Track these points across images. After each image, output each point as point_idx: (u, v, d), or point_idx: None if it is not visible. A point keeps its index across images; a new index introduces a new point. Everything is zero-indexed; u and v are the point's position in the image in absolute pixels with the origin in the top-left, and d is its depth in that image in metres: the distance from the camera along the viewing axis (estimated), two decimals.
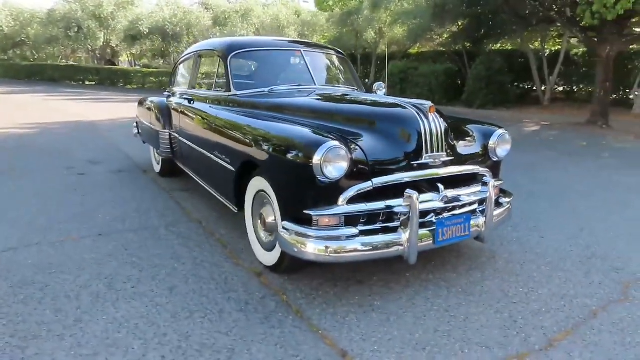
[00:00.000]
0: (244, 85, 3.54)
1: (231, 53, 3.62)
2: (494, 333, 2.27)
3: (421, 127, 2.59)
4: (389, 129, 2.59)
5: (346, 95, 3.30)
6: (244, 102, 3.39)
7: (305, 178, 2.36)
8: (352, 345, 2.15)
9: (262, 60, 3.82)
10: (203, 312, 2.41)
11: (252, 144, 2.80)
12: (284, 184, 2.54)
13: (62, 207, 4.10)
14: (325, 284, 2.74)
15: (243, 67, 3.63)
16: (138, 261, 3.01)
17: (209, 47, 4.10)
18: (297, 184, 2.44)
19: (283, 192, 2.56)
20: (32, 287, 2.63)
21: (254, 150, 2.78)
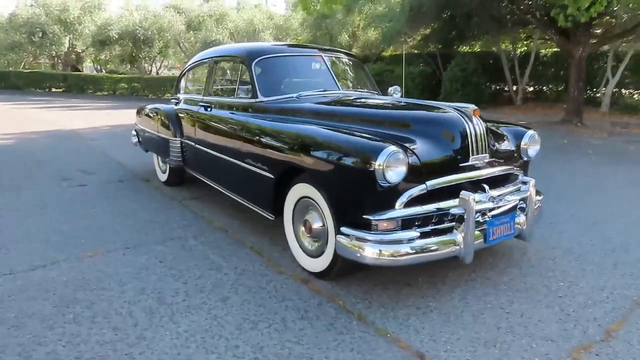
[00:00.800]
0: (269, 91, 3.52)
1: (255, 59, 3.60)
2: (552, 327, 2.35)
3: (467, 130, 2.66)
4: (437, 133, 2.64)
5: (383, 101, 3.34)
6: (275, 108, 3.37)
7: (365, 183, 2.38)
8: (424, 347, 2.18)
9: (285, 66, 3.80)
10: (266, 321, 2.38)
11: (298, 150, 2.79)
12: (340, 190, 2.55)
13: (75, 221, 3.95)
14: (375, 288, 2.76)
15: (267, 73, 3.59)
16: (178, 273, 2.94)
17: (228, 53, 4.05)
18: (355, 189, 2.46)
19: (338, 198, 2.57)
20: (78, 305, 2.53)
21: (300, 157, 2.77)
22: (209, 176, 4.13)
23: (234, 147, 3.49)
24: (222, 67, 4.14)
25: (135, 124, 5.80)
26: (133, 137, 5.79)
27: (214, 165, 3.92)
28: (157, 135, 4.87)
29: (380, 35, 19.83)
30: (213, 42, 17.39)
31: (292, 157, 2.85)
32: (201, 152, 4.10)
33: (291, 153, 2.85)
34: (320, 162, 2.62)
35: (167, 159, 4.71)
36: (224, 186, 3.84)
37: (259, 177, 3.19)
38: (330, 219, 2.64)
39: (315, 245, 2.87)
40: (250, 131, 3.29)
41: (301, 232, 2.99)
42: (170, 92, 21.03)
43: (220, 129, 3.76)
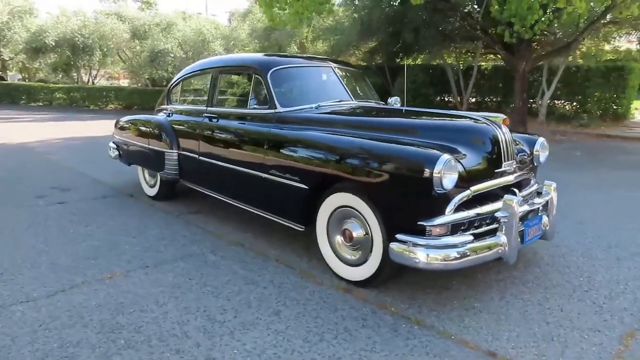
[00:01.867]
0: (288, 101, 3.51)
1: (270, 69, 3.57)
2: (593, 319, 2.54)
3: (499, 138, 2.82)
4: (476, 142, 2.77)
5: (412, 110, 3.43)
6: (299, 119, 3.36)
7: (421, 190, 2.46)
8: (491, 346, 2.27)
9: (300, 77, 3.81)
10: (330, 332, 2.37)
11: (342, 161, 2.81)
12: (393, 198, 2.59)
13: (73, 241, 3.67)
14: (415, 293, 2.83)
15: (283, 84, 3.57)
16: (215, 290, 2.84)
17: (236, 64, 3.98)
18: (410, 197, 2.52)
19: (390, 206, 2.61)
20: (124, 330, 2.37)
21: (344, 168, 2.79)
22: (217, 189, 4.01)
23: (255, 159, 3.43)
24: (229, 77, 4.07)
25: (114, 136, 5.49)
26: (112, 150, 5.47)
27: (225, 178, 3.82)
28: (148, 147, 4.65)
29: (329, 48, 20.25)
30: (161, 52, 16.85)
31: (333, 167, 2.86)
32: (207, 164, 3.98)
33: (333, 164, 2.86)
34: (369, 171, 2.66)
35: (162, 172, 4.51)
36: (239, 199, 3.75)
37: (288, 188, 3.16)
38: (378, 227, 2.68)
39: (358, 254, 2.89)
40: (277, 142, 3.26)
41: (338, 242, 3.00)
42: (114, 103, 20.05)
43: (235, 140, 3.69)
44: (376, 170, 2.62)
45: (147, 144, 4.69)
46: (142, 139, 4.80)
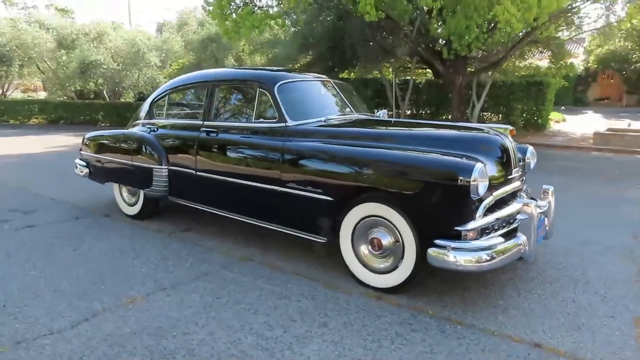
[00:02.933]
0: (297, 115, 3.54)
1: (276, 83, 3.59)
2: (602, 307, 2.84)
3: (509, 147, 3.09)
4: (490, 151, 3.00)
5: (423, 123, 3.62)
6: (310, 132, 3.40)
7: (458, 198, 2.63)
8: (532, 337, 2.47)
9: (305, 91, 3.85)
10: (385, 339, 2.44)
11: (371, 172, 2.91)
12: (428, 206, 2.72)
13: (69, 266, 3.41)
14: (443, 295, 2.98)
15: (290, 97, 3.59)
16: (250, 307, 2.79)
17: (236, 77, 3.94)
18: (447, 204, 2.67)
19: (425, 214, 2.74)
20: (178, 355, 2.27)
21: (373, 178, 2.90)
22: (217, 205, 3.91)
23: (269, 172, 3.42)
24: (227, 91, 3.99)
25: (82, 153, 5.14)
26: (79, 168, 5.11)
27: (228, 193, 3.74)
28: (132, 164, 4.42)
29: (268, 61, 20.33)
30: (93, 63, 15.85)
31: (364, 179, 2.94)
32: (206, 179, 3.87)
33: (363, 175, 2.95)
34: (403, 181, 2.78)
35: (148, 189, 4.31)
36: (247, 214, 3.69)
37: (310, 201, 3.19)
38: (410, 234, 2.80)
39: (388, 261, 2.98)
40: (296, 155, 3.28)
41: (364, 251, 3.08)
42: (37, 117, 18.46)
43: (242, 154, 3.64)
44: (411, 180, 2.75)
45: (129, 161, 4.45)
46: (122, 155, 4.55)
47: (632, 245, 4.02)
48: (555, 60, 16.65)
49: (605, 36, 18.38)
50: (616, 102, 29.35)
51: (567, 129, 16.42)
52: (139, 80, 17.91)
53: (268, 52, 20.06)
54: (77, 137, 13.77)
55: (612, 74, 28.78)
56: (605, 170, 8.19)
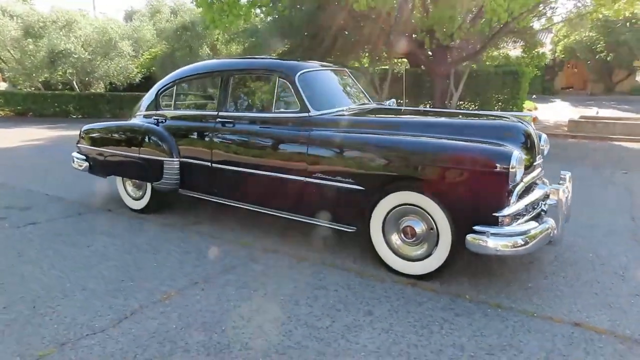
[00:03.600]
0: (320, 105, 3.51)
1: (297, 73, 3.55)
2: (625, 286, 2.97)
3: (533, 135, 3.17)
4: (517, 139, 3.07)
5: (444, 112, 3.65)
6: (335, 121, 3.39)
7: (497, 184, 2.69)
8: (570, 317, 2.57)
9: (324, 80, 3.82)
10: (434, 324, 2.48)
11: (406, 161, 2.93)
12: (466, 193, 2.77)
13: (89, 264, 3.29)
14: (473, 279, 3.05)
15: (311, 87, 3.54)
16: (290, 298, 2.78)
17: (256, 66, 3.86)
18: (486, 190, 2.73)
19: (463, 201, 2.78)
20: (234, 349, 2.24)
21: (407, 167, 2.92)
22: (235, 197, 3.85)
23: (294, 163, 3.39)
24: (244, 81, 3.92)
25: (80, 147, 4.95)
26: (78, 162, 4.92)
27: (249, 185, 3.69)
28: (139, 157, 4.28)
29: (244, 50, 20.01)
30: (63, 52, 15.17)
31: (398, 168, 2.96)
32: (223, 171, 3.80)
33: (397, 164, 2.96)
34: (439, 169, 2.82)
35: (158, 182, 4.20)
36: (270, 206, 3.65)
37: (339, 190, 3.19)
38: (446, 221, 2.85)
39: (421, 249, 3.02)
40: (325, 145, 3.26)
41: (396, 239, 3.11)
42: (4, 109, 17.55)
43: (263, 145, 3.59)
44: (449, 168, 2.79)
45: (136, 153, 4.32)
46: (128, 148, 4.40)
47: (633, 227, 4.21)
48: (527, 50, 17.12)
49: (573, 27, 19.01)
50: (580, 91, 30.47)
51: (540, 117, 16.90)
52: (111, 70, 17.29)
53: (244, 41, 19.76)
54: (52, 130, 13.29)
55: (576, 63, 29.84)
56: (586, 156, 8.51)
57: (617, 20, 21.77)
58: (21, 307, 2.64)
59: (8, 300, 2.73)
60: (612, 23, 22.36)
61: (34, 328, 2.42)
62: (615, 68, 25.98)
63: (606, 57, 25.05)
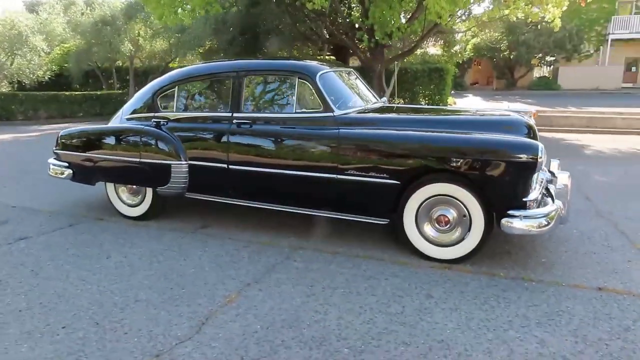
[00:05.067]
0: (342, 104, 3.66)
1: (317, 73, 3.66)
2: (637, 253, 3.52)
3: (534, 128, 3.61)
4: (521, 131, 3.46)
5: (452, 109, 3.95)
6: (360, 120, 3.57)
7: (527, 172, 3.05)
8: (592, 283, 3.00)
9: (339, 81, 3.93)
10: (490, 301, 2.76)
11: (442, 155, 3.18)
12: (499, 182, 3.08)
13: (122, 275, 3.15)
14: (495, 259, 3.40)
15: (331, 87, 3.64)
16: (349, 290, 2.92)
17: (274, 67, 3.89)
18: (518, 178, 3.06)
19: (496, 188, 3.09)
20: (333, 340, 2.35)
21: (445, 161, 3.17)
22: (259, 197, 3.85)
23: (324, 162, 3.50)
24: (259, 81, 3.90)
25: (59, 153, 4.58)
26: (56, 169, 4.56)
27: (276, 185, 3.72)
28: (140, 162, 4.10)
29: (171, 46, 19.22)
30: None
31: (434, 162, 3.20)
32: (243, 173, 3.79)
33: (433, 159, 3.21)
34: (474, 161, 3.11)
35: (164, 187, 4.06)
36: (298, 204, 3.71)
37: (374, 186, 3.37)
38: (478, 208, 3.16)
39: (454, 235, 3.30)
40: (358, 143, 3.41)
41: (429, 228, 3.37)
42: None
43: (289, 145, 3.65)
44: (484, 159, 3.09)
45: (136, 158, 4.12)
46: (124, 153, 4.19)
47: (591, 205, 4.88)
48: (447, 48, 18.44)
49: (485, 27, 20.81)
50: (484, 86, 33.38)
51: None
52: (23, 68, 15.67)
53: (170, 37, 18.97)
54: None
55: (480, 61, 32.64)
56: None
57: (518, 21, 24.22)
58: (83, 325, 2.50)
59: (62, 319, 2.56)
60: (514, 24, 24.77)
61: (113, 344, 2.32)
62: (516, 65, 28.81)
63: (509, 55, 27.72)
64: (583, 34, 27.09)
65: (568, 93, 25.47)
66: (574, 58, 27.73)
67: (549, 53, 27.83)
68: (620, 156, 8.14)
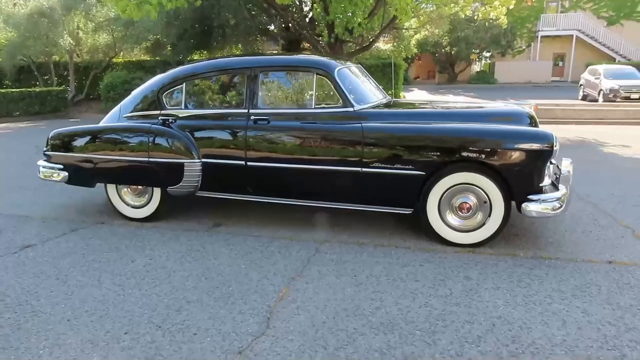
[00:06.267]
0: (360, 99, 3.76)
1: (335, 69, 3.73)
2: (628, 229, 3.91)
3: (536, 119, 3.91)
4: (525, 122, 3.74)
5: (462, 102, 4.15)
6: (382, 115, 3.70)
7: (544, 160, 3.33)
8: (601, 257, 3.33)
9: (353, 76, 4.00)
10: (525, 279, 2.99)
11: (468, 146, 3.36)
12: (520, 169, 3.31)
13: (161, 279, 3.06)
14: (510, 240, 3.66)
15: (348, 83, 3.71)
16: (391, 278, 3.04)
17: (291, 63, 3.89)
18: (537, 165, 3.32)
19: (517, 175, 3.33)
20: (400, 323, 2.46)
21: (470, 151, 3.36)
22: (279, 193, 3.86)
23: (347, 156, 3.59)
24: (276, 77, 3.89)
25: (52, 154, 4.31)
26: (51, 172, 4.28)
27: (298, 181, 3.76)
28: (149, 161, 3.96)
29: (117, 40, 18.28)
30: None
31: (459, 153, 3.38)
32: (263, 170, 3.79)
33: (458, 150, 3.38)
34: (500, 151, 3.32)
35: (176, 186, 3.96)
36: (321, 198, 3.77)
37: (398, 177, 3.50)
38: (499, 194, 3.39)
39: (474, 221, 3.52)
40: (383, 137, 3.53)
41: (450, 215, 3.56)
42: None
43: (311, 140, 3.69)
44: (507, 149, 3.32)
45: (144, 157, 3.98)
46: (132, 152, 4.03)
47: None
48: (396, 44, 19.01)
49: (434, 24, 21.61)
50: (426, 80, 34.72)
51: None
52: None
53: (114, 30, 18.06)
54: None
55: (421, 56, 33.88)
56: None
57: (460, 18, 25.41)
58: (145, 329, 2.43)
59: (120, 325, 2.47)
60: (455, 21, 25.96)
61: (189, 345, 2.29)
62: (457, 60, 30.22)
63: (450, 51, 29.01)
64: (516, 31, 28.91)
65: (505, 86, 27.15)
66: (508, 53, 29.57)
67: (486, 49, 29.45)
68: (571, 144, 8.88)
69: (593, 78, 17.54)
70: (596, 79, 17.18)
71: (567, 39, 29.43)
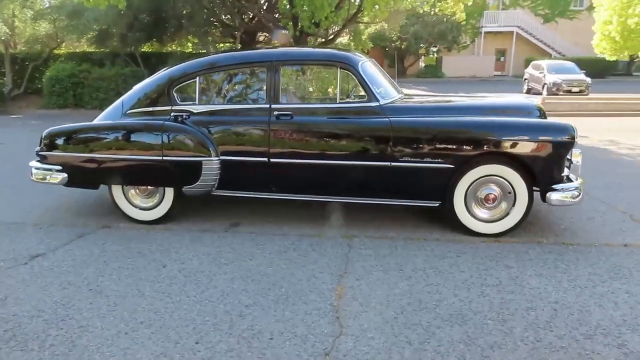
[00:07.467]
0: (384, 94, 3.76)
1: (358, 64, 3.71)
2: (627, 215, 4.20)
3: (544, 110, 4.10)
4: (535, 114, 3.92)
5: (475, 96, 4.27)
6: (408, 109, 3.73)
7: (567, 151, 3.51)
8: (614, 241, 3.57)
9: (374, 71, 3.97)
10: (559, 266, 3.14)
11: (496, 139, 3.46)
12: (544, 160, 3.46)
13: (203, 285, 2.92)
14: (528, 229, 3.83)
15: (371, 78, 3.67)
16: (435, 271, 3.09)
17: (316, 57, 3.80)
18: (560, 156, 3.49)
19: (542, 166, 3.47)
20: (462, 313, 2.50)
21: (498, 144, 3.46)
22: (305, 190, 3.78)
23: (375, 151, 3.58)
24: (297, 72, 3.79)
25: (49, 155, 3.96)
26: (48, 173, 3.93)
27: (325, 177, 3.70)
28: (162, 160, 3.74)
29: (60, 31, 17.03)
30: None
31: (487, 145, 3.47)
32: (288, 166, 3.70)
33: (486, 142, 3.47)
34: (524, 143, 3.45)
35: (192, 185, 3.78)
36: (349, 194, 3.74)
37: (427, 171, 3.55)
38: (523, 185, 3.54)
39: (499, 211, 3.64)
40: (414, 131, 3.55)
41: (476, 207, 3.66)
42: None
43: (337, 136, 3.65)
44: (533, 141, 3.46)
45: (157, 156, 3.75)
46: (143, 151, 3.78)
47: None
48: (354, 37, 19.22)
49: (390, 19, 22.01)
50: None
51: None
52: None
53: (56, 20, 16.83)
54: None
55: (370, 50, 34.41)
56: None
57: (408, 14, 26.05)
58: (216, 337, 2.31)
59: (187, 335, 2.33)
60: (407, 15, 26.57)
61: (270, 350, 2.20)
62: (406, 55, 30.97)
63: (400, 45, 29.67)
64: (461, 26, 30.07)
65: (452, 80, 28.23)
66: (454, 48, 30.70)
67: (433, 44, 30.41)
68: None
69: (537, 72, 18.64)
70: (540, 74, 18.27)
71: (508, 35, 31.07)
